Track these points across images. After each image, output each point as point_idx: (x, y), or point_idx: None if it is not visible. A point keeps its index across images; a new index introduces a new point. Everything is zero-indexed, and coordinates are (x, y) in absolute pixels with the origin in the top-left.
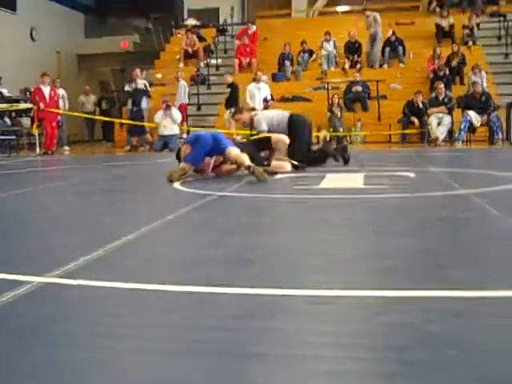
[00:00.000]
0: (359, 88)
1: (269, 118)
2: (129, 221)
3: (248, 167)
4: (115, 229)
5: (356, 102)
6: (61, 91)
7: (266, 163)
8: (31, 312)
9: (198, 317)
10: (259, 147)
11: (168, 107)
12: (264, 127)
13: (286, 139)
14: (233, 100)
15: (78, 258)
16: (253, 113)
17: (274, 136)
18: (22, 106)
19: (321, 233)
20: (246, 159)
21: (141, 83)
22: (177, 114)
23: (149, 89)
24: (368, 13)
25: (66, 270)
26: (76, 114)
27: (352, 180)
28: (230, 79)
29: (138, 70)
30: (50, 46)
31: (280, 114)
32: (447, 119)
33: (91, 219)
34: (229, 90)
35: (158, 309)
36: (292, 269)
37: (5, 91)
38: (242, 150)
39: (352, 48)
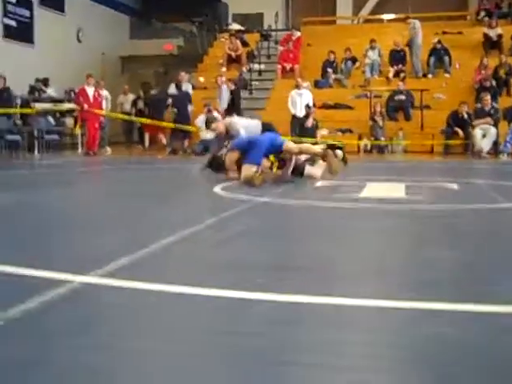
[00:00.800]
0: (403, 97)
1: (244, 125)
2: (168, 224)
3: (324, 153)
4: (155, 231)
5: (398, 110)
6: (104, 92)
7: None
8: (70, 312)
9: (233, 322)
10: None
11: (209, 111)
12: (241, 131)
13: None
14: (234, 108)
15: (119, 259)
16: (226, 119)
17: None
18: (66, 106)
19: (360, 242)
20: (312, 146)
21: (186, 86)
22: (219, 118)
23: (191, 92)
24: (409, 20)
25: (106, 270)
26: (120, 116)
27: (394, 190)
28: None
29: (183, 74)
30: (95, 48)
31: (252, 122)
32: (492, 131)
33: (131, 221)
34: (229, 97)
35: (195, 312)
36: (330, 277)
37: (51, 91)
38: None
39: (397, 56)
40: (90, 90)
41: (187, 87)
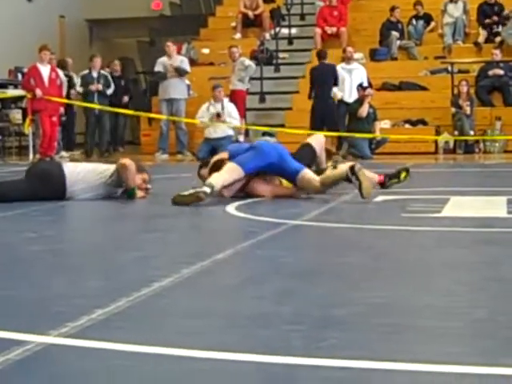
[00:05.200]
0: (500, 71)
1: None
2: (165, 259)
3: (350, 172)
4: (146, 270)
5: (494, 92)
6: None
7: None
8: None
9: None
10: (308, 163)
11: (217, 97)
12: None
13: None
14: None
15: (93, 311)
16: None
17: (311, 139)
18: (11, 93)
19: (442, 282)
20: (336, 171)
21: (178, 61)
22: (230, 107)
23: (188, 69)
24: None
25: (75, 327)
26: (90, 105)
27: (490, 206)
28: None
29: (169, 44)
30: (51, 9)
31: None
32: None
33: (115, 256)
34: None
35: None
36: (398, 333)
37: None
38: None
39: (489, 12)
40: (45, 70)
41: (179, 62)
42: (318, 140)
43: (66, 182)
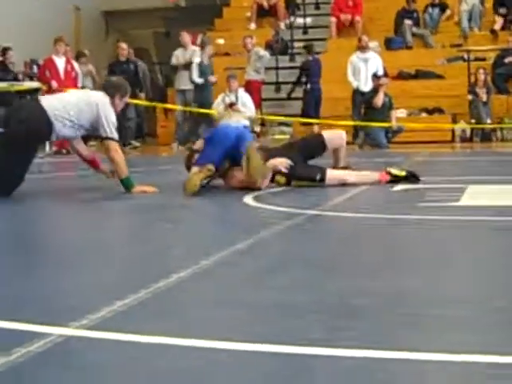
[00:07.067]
0: None
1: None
2: (183, 250)
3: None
4: (164, 262)
5: (511, 79)
6: (90, 67)
7: (318, 177)
8: (43, 377)
9: None
10: (307, 155)
11: (232, 87)
12: None
13: (343, 133)
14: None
15: (113, 303)
16: None
17: (327, 133)
18: (27, 84)
19: (459, 272)
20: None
21: (193, 53)
22: (245, 97)
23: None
24: None
25: (95, 319)
26: None
27: (507, 194)
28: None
29: (185, 33)
30: (66, 1)
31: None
32: None
33: (132, 248)
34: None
35: (234, 376)
36: (416, 323)
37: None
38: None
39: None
40: (60, 62)
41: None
42: (336, 135)
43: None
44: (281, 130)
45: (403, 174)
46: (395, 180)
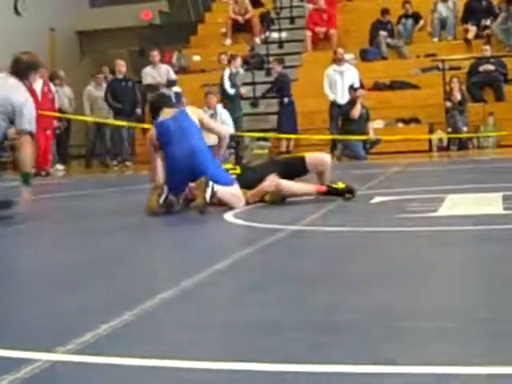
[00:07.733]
0: (491, 67)
1: None
2: (165, 270)
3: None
4: (147, 282)
5: (486, 87)
6: (66, 91)
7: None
8: None
9: None
10: (286, 175)
11: (210, 103)
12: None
13: (327, 158)
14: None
15: (98, 326)
16: None
17: (310, 157)
18: None
19: (442, 282)
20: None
21: (163, 72)
22: (224, 114)
23: (174, 78)
24: None
25: (81, 343)
26: (86, 118)
27: (486, 203)
28: (278, 68)
29: (155, 53)
30: (40, 22)
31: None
32: None
33: (113, 269)
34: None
35: None
36: (398, 337)
37: None
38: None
39: (477, 8)
40: (37, 84)
41: (165, 72)
42: (318, 161)
43: None
44: (259, 144)
45: (342, 186)
46: (333, 193)
